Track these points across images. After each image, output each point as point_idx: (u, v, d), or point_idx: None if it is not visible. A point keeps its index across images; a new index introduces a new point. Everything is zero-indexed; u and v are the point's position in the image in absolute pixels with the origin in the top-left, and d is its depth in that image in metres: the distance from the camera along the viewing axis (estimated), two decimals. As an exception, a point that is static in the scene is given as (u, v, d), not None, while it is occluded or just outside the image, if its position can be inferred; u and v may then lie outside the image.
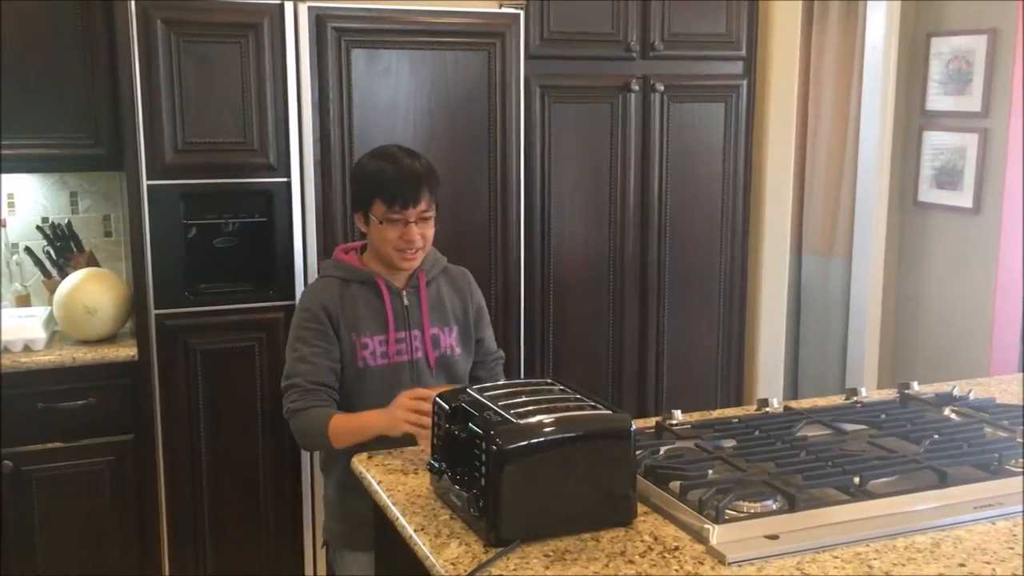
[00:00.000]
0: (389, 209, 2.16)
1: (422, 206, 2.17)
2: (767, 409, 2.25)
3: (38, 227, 3.23)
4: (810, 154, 4.65)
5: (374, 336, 2.23)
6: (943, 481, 1.77)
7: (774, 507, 1.68)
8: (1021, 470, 1.84)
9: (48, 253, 3.20)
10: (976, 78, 3.89)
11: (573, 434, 1.64)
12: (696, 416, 2.22)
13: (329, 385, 2.19)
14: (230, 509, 3.00)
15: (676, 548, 1.59)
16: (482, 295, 2.43)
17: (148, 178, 2.78)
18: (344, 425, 2.12)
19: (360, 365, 2.22)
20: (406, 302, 2.27)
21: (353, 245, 2.36)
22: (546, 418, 1.65)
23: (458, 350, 2.32)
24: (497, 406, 1.69)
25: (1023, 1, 3.69)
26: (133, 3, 2.69)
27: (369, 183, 2.21)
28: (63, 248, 3.21)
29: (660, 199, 3.48)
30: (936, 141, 4.08)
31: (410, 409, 1.99)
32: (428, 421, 1.88)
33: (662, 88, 3.39)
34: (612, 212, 3.42)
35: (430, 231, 2.23)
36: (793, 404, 2.32)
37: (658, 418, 2.16)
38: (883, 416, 2.17)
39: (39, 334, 2.89)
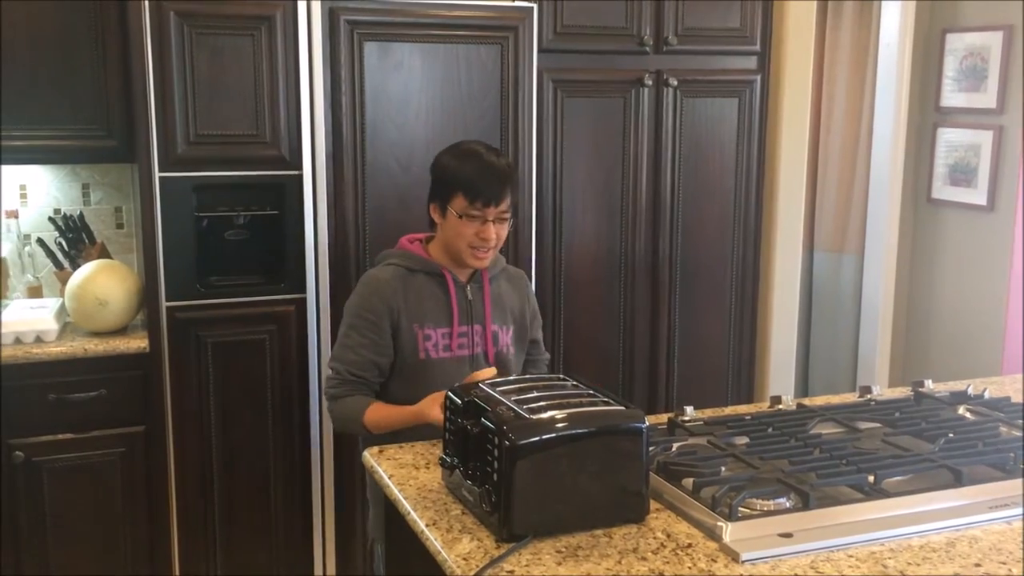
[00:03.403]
0: (471, 205, 2.16)
1: (503, 206, 2.18)
2: (780, 406, 2.24)
3: (50, 218, 3.24)
4: (823, 150, 4.63)
5: (437, 328, 2.24)
6: (958, 480, 1.76)
7: (788, 505, 1.67)
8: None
9: (60, 244, 3.21)
10: (991, 74, 3.87)
11: (586, 430, 1.63)
12: (709, 413, 2.22)
13: (368, 379, 2.23)
14: (240, 501, 3.00)
15: (689, 545, 1.58)
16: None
17: (160, 170, 2.78)
18: (380, 417, 2.17)
19: (422, 356, 2.23)
20: (470, 297, 2.27)
21: (418, 236, 2.35)
22: (559, 413, 1.64)
23: (512, 349, 2.34)
24: (510, 401, 1.69)
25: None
26: (146, -5, 2.69)
27: (453, 176, 2.20)
28: (75, 240, 3.21)
29: (672, 194, 3.47)
30: (950, 138, 4.06)
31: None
32: None
33: (675, 83, 3.37)
34: (624, 207, 3.41)
35: (505, 231, 2.23)
36: (806, 401, 2.31)
37: (671, 414, 2.16)
38: (897, 414, 2.16)
39: (51, 325, 2.90)
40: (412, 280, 2.24)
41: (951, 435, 1.99)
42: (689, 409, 2.16)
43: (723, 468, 1.82)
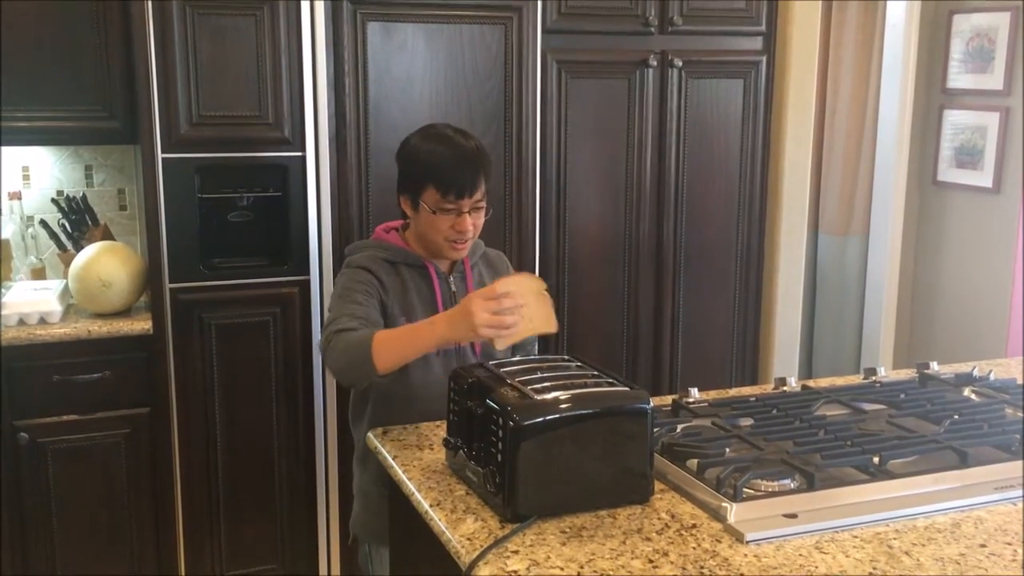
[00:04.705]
0: (443, 198, 2.04)
1: (477, 195, 2.06)
2: (785, 388, 2.24)
3: (53, 200, 3.23)
4: (828, 132, 4.61)
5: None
6: (963, 461, 1.76)
7: (792, 486, 1.67)
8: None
9: (63, 226, 3.20)
10: (998, 56, 3.84)
11: (590, 410, 1.63)
12: (713, 394, 2.21)
13: (378, 324, 2.03)
14: (244, 482, 3.01)
15: (693, 526, 1.58)
16: None
17: (163, 151, 2.77)
18: (394, 335, 1.92)
19: None
20: (453, 288, 2.18)
21: (393, 224, 2.24)
22: (563, 394, 1.64)
23: None
24: (514, 382, 1.69)
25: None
26: (148, -26, 2.68)
27: (422, 167, 2.06)
28: (78, 221, 3.21)
29: (677, 176, 3.45)
30: (956, 120, 4.04)
31: (487, 311, 1.80)
32: (511, 319, 1.79)
33: (680, 64, 3.35)
34: (628, 189, 3.39)
35: (482, 220, 2.11)
36: (811, 383, 2.31)
37: (675, 396, 2.15)
38: (902, 396, 2.16)
39: (55, 307, 2.89)
40: (395, 272, 2.14)
41: (956, 416, 1.99)
42: (693, 391, 2.15)
43: (728, 449, 1.82)
